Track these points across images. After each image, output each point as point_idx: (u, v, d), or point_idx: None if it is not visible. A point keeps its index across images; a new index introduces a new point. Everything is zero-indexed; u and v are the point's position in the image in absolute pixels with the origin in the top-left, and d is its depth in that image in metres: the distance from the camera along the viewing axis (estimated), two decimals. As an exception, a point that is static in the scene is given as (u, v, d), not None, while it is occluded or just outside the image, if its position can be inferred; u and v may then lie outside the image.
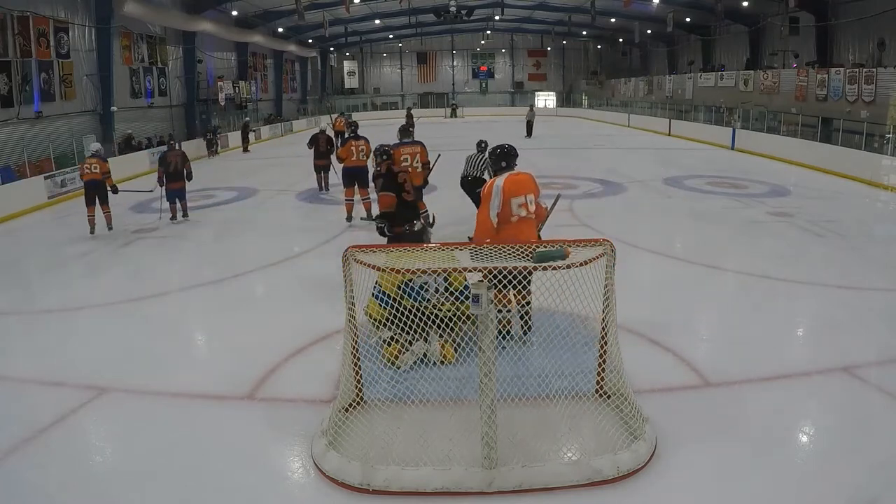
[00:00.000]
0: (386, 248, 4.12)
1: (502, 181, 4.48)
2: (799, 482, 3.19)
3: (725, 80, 24.98)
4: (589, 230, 8.36)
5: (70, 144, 14.36)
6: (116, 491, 3.24)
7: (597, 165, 15.29)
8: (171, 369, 4.62)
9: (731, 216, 9.44)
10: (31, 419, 3.88)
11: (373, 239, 7.84)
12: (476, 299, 3.00)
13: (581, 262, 3.26)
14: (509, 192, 4.44)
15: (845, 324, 5.18)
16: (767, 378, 4.23)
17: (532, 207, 4.54)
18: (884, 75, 15.85)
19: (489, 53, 44.33)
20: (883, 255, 7.34)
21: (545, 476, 3.10)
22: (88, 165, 9.15)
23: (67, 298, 6.46)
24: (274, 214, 10.30)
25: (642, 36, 32.56)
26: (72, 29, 16.18)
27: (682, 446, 3.42)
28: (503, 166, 4.61)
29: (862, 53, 19.52)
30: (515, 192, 4.47)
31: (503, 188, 4.43)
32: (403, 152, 7.78)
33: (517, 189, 4.48)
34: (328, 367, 4.36)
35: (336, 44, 40.36)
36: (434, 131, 21.22)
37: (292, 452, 3.51)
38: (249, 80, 29.13)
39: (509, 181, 4.49)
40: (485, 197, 4.50)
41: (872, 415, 3.79)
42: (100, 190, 9.09)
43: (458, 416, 3.51)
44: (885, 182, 11.73)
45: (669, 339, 4.80)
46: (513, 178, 4.52)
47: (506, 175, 4.53)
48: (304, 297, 6.15)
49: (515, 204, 4.46)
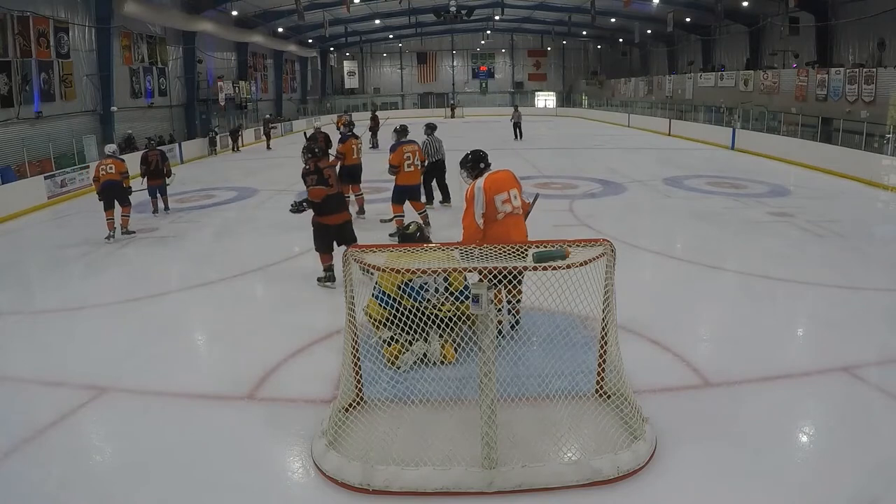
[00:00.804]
0: (386, 248, 4.12)
1: (482, 181, 4.55)
2: (799, 482, 3.19)
3: (725, 80, 24.99)
4: (589, 230, 8.37)
5: (70, 144, 14.36)
6: (116, 490, 3.24)
7: (597, 165, 15.28)
8: (171, 369, 4.62)
9: (731, 216, 9.44)
10: (31, 419, 3.88)
11: (375, 239, 7.86)
12: (476, 299, 3.00)
13: (581, 262, 3.25)
14: (491, 189, 4.51)
15: (845, 324, 5.17)
16: (767, 378, 4.23)
17: (517, 203, 4.62)
18: (884, 75, 15.86)
19: (489, 53, 44.37)
20: (883, 255, 7.34)
21: (545, 476, 3.10)
22: (104, 166, 8.92)
23: (67, 298, 6.46)
24: (274, 214, 10.30)
25: (642, 36, 32.58)
26: (72, 29, 16.18)
27: (682, 446, 3.42)
28: (481, 168, 4.70)
29: (862, 53, 19.52)
30: (497, 189, 4.54)
31: (484, 188, 4.50)
32: (406, 150, 8.05)
33: (498, 186, 4.56)
34: (328, 367, 4.36)
35: (336, 44, 40.38)
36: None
37: (292, 452, 3.51)
38: (249, 80, 29.14)
39: (489, 180, 4.57)
40: (468, 201, 4.54)
41: (872, 415, 3.79)
42: (117, 192, 8.88)
43: (458, 416, 3.50)
44: (885, 182, 11.73)
45: (669, 339, 4.80)
46: (492, 177, 4.61)
47: (485, 175, 4.62)
48: (305, 296, 6.14)
49: (499, 201, 4.53)
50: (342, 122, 11.71)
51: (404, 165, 8.02)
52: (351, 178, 9.14)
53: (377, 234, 8.23)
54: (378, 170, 10.10)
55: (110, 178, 8.83)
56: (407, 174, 8.09)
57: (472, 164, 4.74)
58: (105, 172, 8.85)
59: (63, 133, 15.03)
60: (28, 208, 11.58)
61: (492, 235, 4.43)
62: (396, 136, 8.39)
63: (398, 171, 8.04)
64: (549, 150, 19.45)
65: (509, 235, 4.38)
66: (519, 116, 23.44)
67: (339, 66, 43.02)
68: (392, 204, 8.26)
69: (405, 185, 8.14)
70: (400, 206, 8.21)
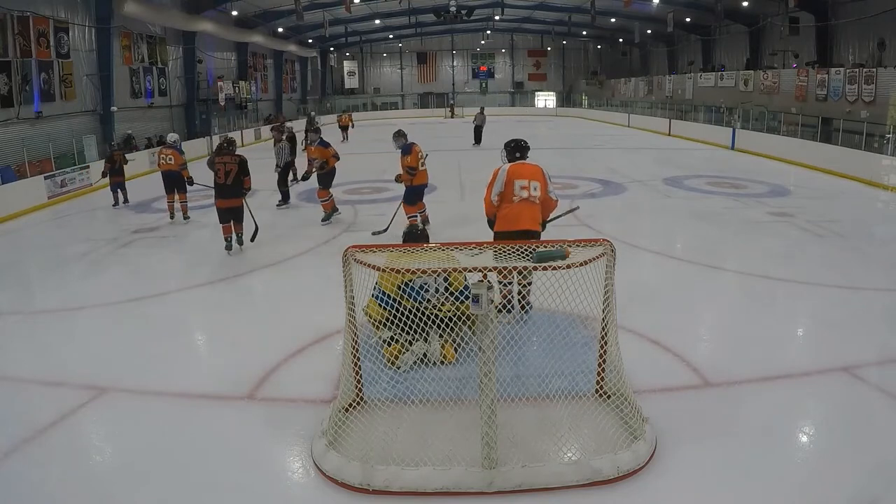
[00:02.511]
0: (386, 248, 4.12)
1: (508, 166, 5.06)
2: (799, 482, 3.19)
3: (725, 80, 25.00)
4: (589, 230, 8.36)
5: (70, 144, 14.36)
6: (116, 491, 3.24)
7: (597, 165, 15.28)
8: (171, 369, 4.62)
9: (731, 216, 9.44)
10: (31, 419, 3.88)
11: (373, 239, 7.86)
12: (476, 299, 3.00)
13: (581, 262, 3.26)
14: (513, 174, 4.97)
15: (845, 324, 5.17)
16: (767, 378, 4.23)
17: (536, 193, 4.96)
18: (884, 75, 15.87)
19: (489, 53, 44.36)
20: (883, 255, 7.33)
21: (545, 476, 3.10)
22: (164, 156, 9.59)
23: (67, 298, 6.46)
24: (274, 214, 10.29)
25: (642, 36, 32.59)
26: (72, 29, 16.19)
27: (681, 446, 3.42)
28: (517, 157, 5.18)
29: (862, 53, 19.53)
30: (519, 175, 4.97)
31: (508, 171, 5.00)
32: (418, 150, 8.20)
33: (521, 173, 5.00)
34: (328, 367, 4.36)
35: (336, 44, 40.38)
36: (435, 131, 21.21)
37: (292, 452, 3.51)
38: (249, 80, 29.15)
39: (516, 166, 5.07)
40: (491, 179, 5.04)
41: (872, 415, 3.79)
42: (176, 180, 9.62)
43: (458, 416, 3.50)
44: (885, 182, 11.73)
45: (669, 339, 4.80)
46: (519, 165, 5.10)
47: (515, 163, 5.11)
48: (304, 296, 6.15)
49: (518, 186, 4.93)
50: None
51: (419, 165, 8.11)
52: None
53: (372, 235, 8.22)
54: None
55: (169, 169, 9.54)
56: (422, 173, 8.20)
57: (511, 150, 5.26)
58: (164, 162, 9.60)
59: (63, 133, 15.02)
60: (28, 208, 11.57)
61: (504, 214, 4.97)
62: (400, 139, 8.34)
63: (415, 172, 8.11)
64: (549, 150, 19.44)
65: (519, 217, 4.92)
66: (483, 119, 21.42)
67: (339, 66, 43.01)
68: (405, 205, 8.28)
69: (420, 185, 8.25)
70: (414, 207, 8.28)
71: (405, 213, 8.25)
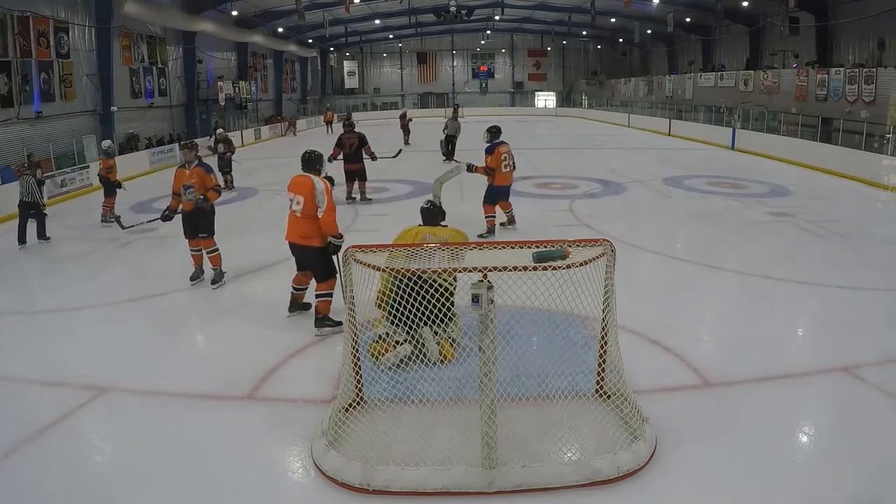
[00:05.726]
0: (386, 247, 4.11)
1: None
2: (799, 482, 3.19)
3: (725, 80, 25.00)
4: (589, 230, 8.38)
5: (70, 144, 14.36)
6: (116, 491, 3.24)
7: (597, 165, 15.28)
8: (171, 369, 4.62)
9: (731, 216, 9.44)
10: (31, 419, 3.88)
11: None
12: (476, 299, 3.00)
13: (581, 262, 3.25)
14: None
15: (845, 324, 5.17)
16: (767, 378, 4.23)
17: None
18: (884, 75, 15.87)
19: (489, 53, 44.37)
20: (883, 255, 7.33)
21: (545, 476, 3.10)
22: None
23: (67, 298, 6.46)
24: (274, 214, 10.29)
25: (642, 36, 32.59)
26: (72, 29, 16.19)
27: (682, 446, 3.42)
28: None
29: (862, 53, 19.53)
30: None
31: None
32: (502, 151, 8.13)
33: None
34: (328, 367, 4.36)
35: (336, 44, 40.39)
36: (433, 131, 21.17)
37: (292, 452, 3.51)
38: (249, 80, 29.15)
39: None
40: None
41: (872, 415, 3.79)
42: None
43: (458, 416, 3.51)
44: (885, 182, 11.73)
45: (669, 339, 4.80)
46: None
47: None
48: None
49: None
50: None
51: (501, 167, 8.07)
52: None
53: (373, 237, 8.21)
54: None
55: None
56: (503, 175, 8.13)
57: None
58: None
59: (63, 133, 15.04)
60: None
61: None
62: (490, 136, 8.23)
63: (494, 173, 8.09)
64: (549, 150, 19.44)
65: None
66: (457, 129, 15.77)
67: (339, 66, 43.02)
68: (484, 205, 8.28)
69: (500, 186, 8.21)
70: (491, 206, 8.26)
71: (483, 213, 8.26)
